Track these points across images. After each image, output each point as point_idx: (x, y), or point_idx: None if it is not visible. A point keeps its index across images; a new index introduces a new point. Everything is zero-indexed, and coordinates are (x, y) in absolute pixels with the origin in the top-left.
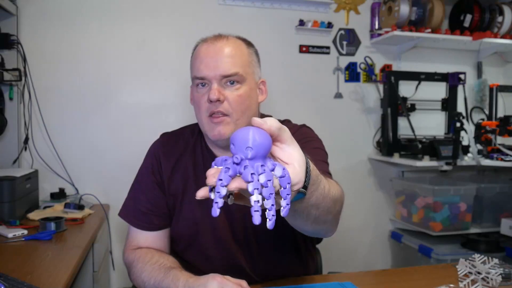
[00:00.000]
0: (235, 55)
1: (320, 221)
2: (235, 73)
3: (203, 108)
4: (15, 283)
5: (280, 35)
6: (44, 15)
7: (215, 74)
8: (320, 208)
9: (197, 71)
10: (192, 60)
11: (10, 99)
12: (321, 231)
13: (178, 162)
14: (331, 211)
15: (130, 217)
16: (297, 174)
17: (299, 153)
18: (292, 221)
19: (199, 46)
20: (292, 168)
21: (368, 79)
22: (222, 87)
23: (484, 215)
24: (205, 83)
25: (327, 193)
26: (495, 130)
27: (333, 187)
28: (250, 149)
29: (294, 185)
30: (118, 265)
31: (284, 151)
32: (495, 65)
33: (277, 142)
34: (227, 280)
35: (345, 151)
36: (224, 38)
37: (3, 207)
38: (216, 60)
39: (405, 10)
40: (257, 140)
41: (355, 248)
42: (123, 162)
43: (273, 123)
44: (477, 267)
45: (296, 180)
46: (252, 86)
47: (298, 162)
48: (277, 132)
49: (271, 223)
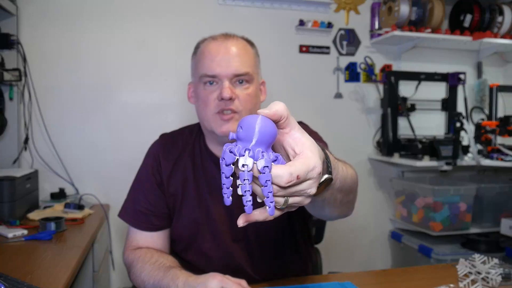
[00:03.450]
0: (245, 55)
1: (344, 203)
2: (246, 73)
3: (211, 105)
4: (15, 283)
5: (280, 35)
6: (44, 15)
7: (227, 72)
8: (344, 190)
9: (208, 69)
10: (198, 58)
11: (10, 99)
12: (346, 212)
13: (178, 163)
14: (353, 189)
15: (130, 217)
16: (310, 159)
17: (308, 139)
18: (320, 211)
19: (207, 44)
20: (304, 156)
21: (368, 79)
22: (232, 85)
23: (484, 215)
24: (214, 81)
25: (346, 174)
26: (495, 130)
27: (347, 167)
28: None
29: (310, 171)
30: (118, 265)
31: (293, 137)
32: (495, 65)
33: (285, 129)
34: (227, 279)
35: (345, 151)
36: (234, 37)
37: (3, 207)
38: (228, 58)
39: (405, 10)
40: (264, 127)
41: (355, 248)
42: (123, 162)
43: (279, 106)
44: (477, 267)
45: (311, 166)
46: (257, 86)
47: (310, 148)
48: (285, 114)
49: (271, 209)
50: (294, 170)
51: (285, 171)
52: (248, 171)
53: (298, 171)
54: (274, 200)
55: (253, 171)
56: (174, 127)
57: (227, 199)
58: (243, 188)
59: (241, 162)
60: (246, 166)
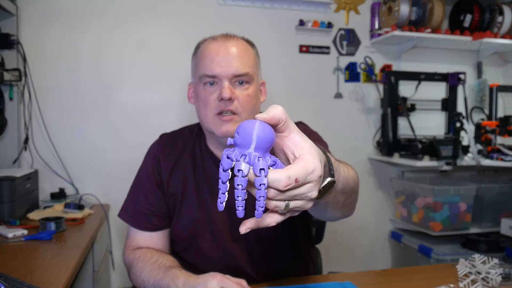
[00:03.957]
0: (245, 55)
1: (346, 204)
2: (246, 73)
3: (211, 106)
4: (15, 283)
5: (280, 35)
6: (44, 15)
7: (227, 73)
8: (346, 191)
9: (208, 69)
10: (198, 58)
11: (10, 99)
12: (347, 213)
13: (178, 163)
14: (354, 190)
15: (130, 217)
16: (309, 162)
17: (307, 142)
18: (323, 214)
19: (207, 44)
20: (304, 159)
21: (368, 79)
22: (232, 86)
23: (484, 215)
24: (214, 82)
25: (348, 176)
26: (495, 130)
27: (348, 168)
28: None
29: (310, 174)
30: (118, 265)
31: (292, 140)
32: (495, 65)
33: (284, 132)
34: (227, 279)
35: (345, 151)
36: (234, 38)
37: (3, 207)
38: (229, 59)
39: (405, 10)
40: (261, 132)
41: (355, 248)
42: (123, 162)
43: (277, 110)
44: (477, 267)
45: (310, 169)
46: (257, 86)
47: (309, 151)
48: (283, 117)
49: (258, 213)
50: (292, 173)
51: (283, 175)
52: (242, 177)
53: (297, 174)
54: (264, 205)
55: (249, 176)
56: (174, 127)
57: (219, 204)
58: (236, 193)
59: (237, 168)
60: (241, 172)
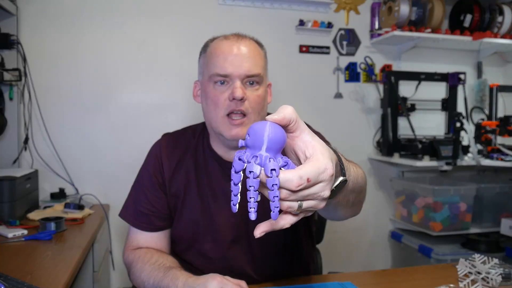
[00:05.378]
0: (257, 56)
1: (356, 203)
2: (257, 74)
3: (221, 106)
4: (15, 283)
5: (280, 35)
6: (44, 15)
7: (239, 72)
8: (356, 190)
9: (220, 68)
10: (208, 56)
11: (10, 99)
12: (355, 211)
13: (180, 163)
14: (363, 189)
15: (130, 217)
16: (320, 162)
17: (318, 142)
18: (333, 214)
19: (219, 43)
20: (315, 158)
21: (368, 79)
22: (243, 86)
23: (484, 215)
24: (224, 81)
25: (357, 174)
26: (495, 130)
27: (356, 167)
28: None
29: (321, 173)
30: (118, 265)
31: (303, 140)
32: (495, 65)
33: (294, 132)
34: (226, 280)
35: (345, 151)
36: (246, 38)
37: (3, 207)
38: (241, 58)
39: (405, 10)
40: (272, 133)
41: (355, 248)
42: (123, 162)
43: (288, 110)
44: (477, 267)
45: (322, 168)
46: (265, 88)
47: (320, 150)
48: (294, 117)
49: (274, 214)
50: (304, 173)
51: (294, 175)
52: (254, 178)
53: (308, 173)
54: (279, 206)
55: (261, 177)
56: (174, 127)
57: (233, 206)
58: (248, 194)
59: (248, 169)
60: (253, 173)
